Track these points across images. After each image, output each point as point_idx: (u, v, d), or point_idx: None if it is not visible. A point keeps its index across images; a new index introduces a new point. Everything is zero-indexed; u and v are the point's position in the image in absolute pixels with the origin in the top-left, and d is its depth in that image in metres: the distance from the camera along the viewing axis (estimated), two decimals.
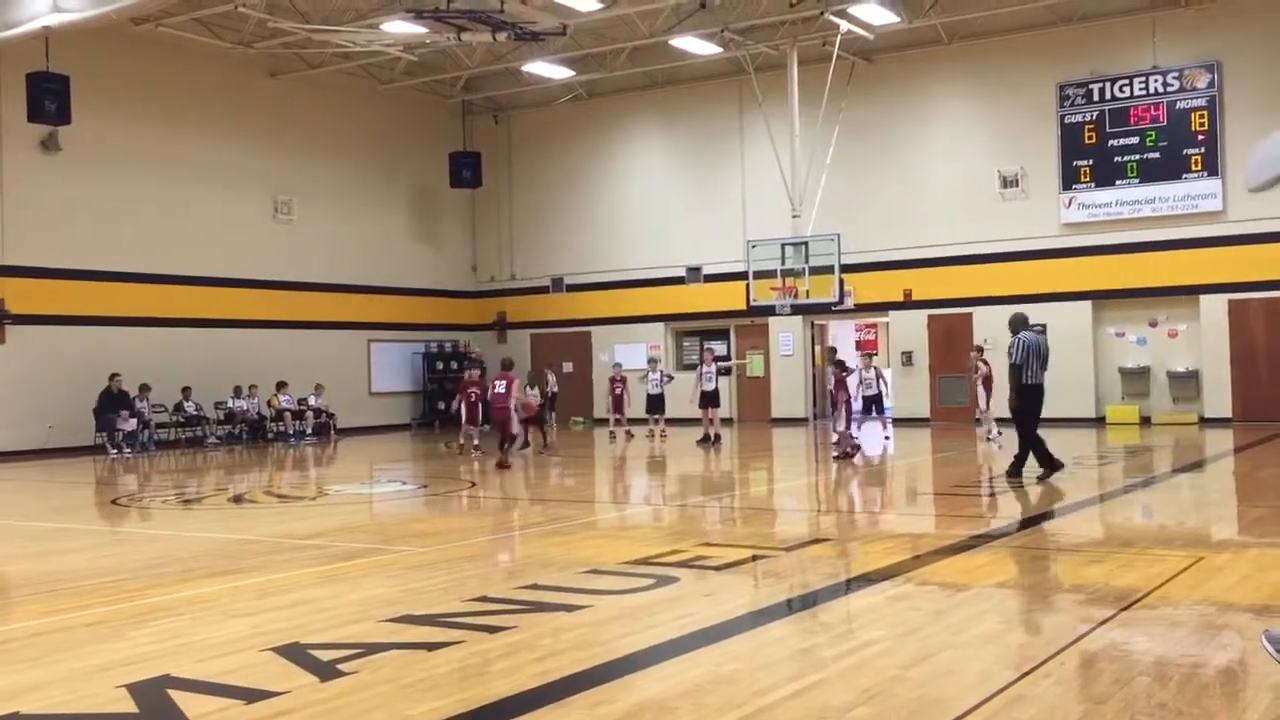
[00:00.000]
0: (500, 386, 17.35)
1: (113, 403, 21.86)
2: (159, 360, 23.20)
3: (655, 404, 22.07)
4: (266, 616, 6.66)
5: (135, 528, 12.07)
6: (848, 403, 17.11)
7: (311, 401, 25.41)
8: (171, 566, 8.66)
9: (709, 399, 20.85)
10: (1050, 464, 13.14)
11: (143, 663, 5.61)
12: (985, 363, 19.77)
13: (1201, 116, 22.80)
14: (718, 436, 20.79)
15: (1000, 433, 19.32)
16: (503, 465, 16.69)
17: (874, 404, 20.74)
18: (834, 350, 20.76)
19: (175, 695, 5.04)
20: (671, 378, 23.35)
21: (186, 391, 23.62)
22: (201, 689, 5.12)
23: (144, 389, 22.46)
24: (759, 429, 25.64)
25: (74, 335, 22.25)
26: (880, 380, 20.77)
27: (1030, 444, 13.22)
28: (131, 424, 21.89)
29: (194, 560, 8.93)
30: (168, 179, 23.90)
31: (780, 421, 26.80)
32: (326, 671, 5.35)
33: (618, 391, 22.51)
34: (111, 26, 20.41)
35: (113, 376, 21.91)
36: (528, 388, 20.53)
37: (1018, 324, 13.74)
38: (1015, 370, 13.26)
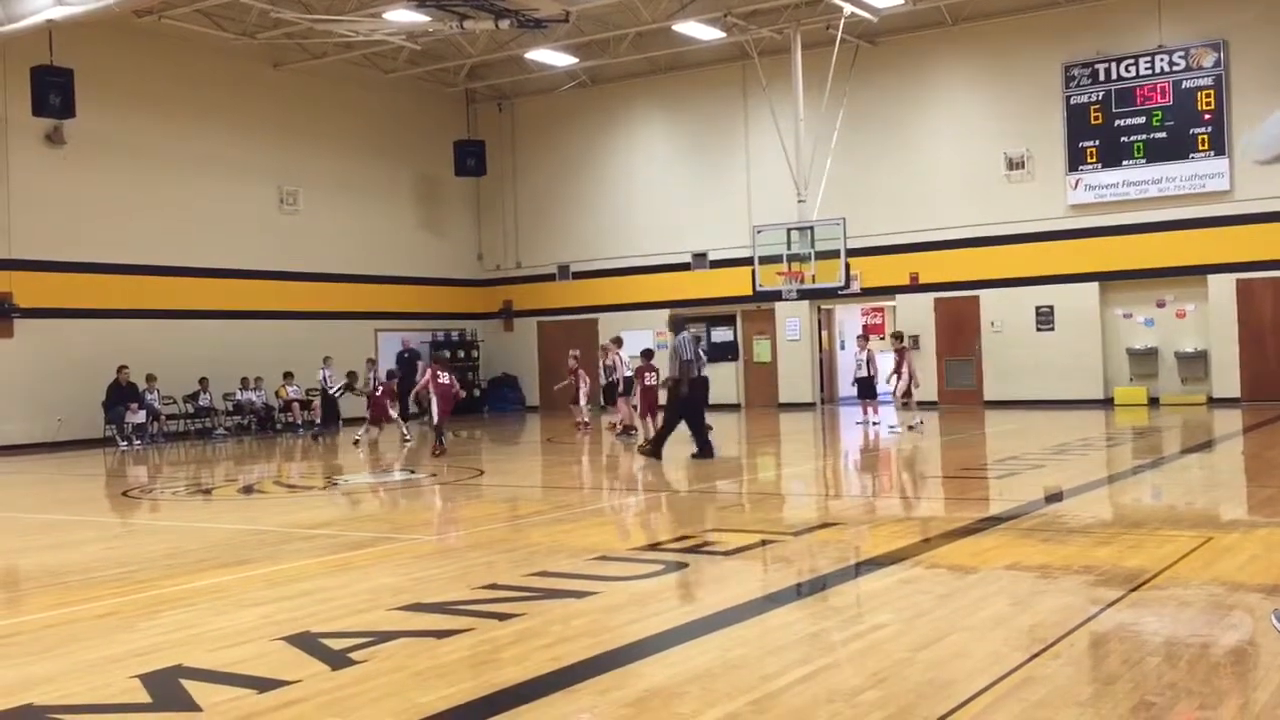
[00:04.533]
0: (445, 377, 17.67)
1: (121, 395, 21.91)
2: (166, 352, 23.24)
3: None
4: (277, 606, 6.69)
5: (145, 519, 12.11)
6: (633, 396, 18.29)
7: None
8: (182, 557, 8.69)
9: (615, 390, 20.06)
10: (657, 450, 14.89)
11: (155, 653, 5.64)
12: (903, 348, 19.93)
13: (1208, 96, 22.69)
14: (625, 429, 19.68)
15: (922, 421, 19.36)
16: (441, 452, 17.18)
17: (864, 386, 20.68)
18: (618, 340, 20.96)
19: (188, 685, 5.06)
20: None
21: (204, 382, 23.69)
22: (213, 678, 5.14)
23: (151, 380, 22.50)
24: (766, 414, 25.64)
25: (82, 328, 22.30)
26: (871, 364, 20.75)
27: (690, 427, 14.99)
28: (140, 416, 21.95)
29: (204, 551, 8.96)
30: (172, 171, 23.92)
31: (787, 407, 26.79)
32: (337, 660, 5.37)
33: (576, 383, 21.20)
34: (114, 19, 20.39)
35: (120, 369, 21.95)
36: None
37: (680, 324, 15.44)
38: (687, 365, 14.80)
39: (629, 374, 19.88)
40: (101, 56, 22.38)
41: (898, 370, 19.36)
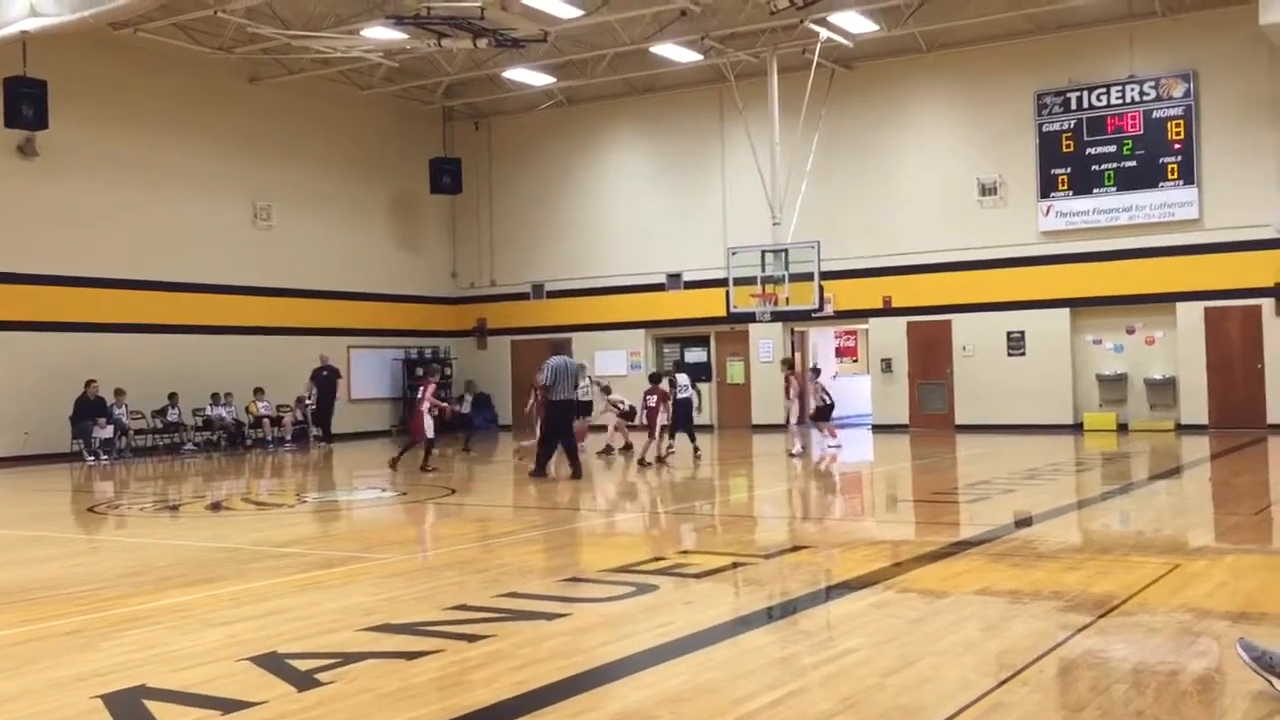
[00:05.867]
0: (417, 391, 17.71)
1: (89, 409, 21.67)
2: (136, 366, 23.02)
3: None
4: (243, 625, 6.62)
5: (111, 536, 11.98)
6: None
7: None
8: (148, 575, 8.59)
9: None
10: (542, 470, 15.67)
11: (118, 673, 5.57)
12: (797, 377, 20.25)
13: (1178, 125, 22.96)
14: (608, 448, 19.86)
15: (803, 448, 19.52)
16: (393, 466, 17.40)
17: (819, 411, 20.93)
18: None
19: (151, 706, 5.00)
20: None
21: (174, 398, 23.46)
22: (177, 699, 5.08)
23: (119, 394, 22.27)
24: (739, 435, 25.66)
25: (50, 341, 22.07)
26: (824, 391, 21.05)
27: (547, 450, 15.85)
28: (108, 431, 21.71)
29: (170, 569, 8.86)
30: (146, 184, 23.76)
31: (761, 428, 26.82)
32: (304, 681, 5.32)
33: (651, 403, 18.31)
34: (90, 31, 20.23)
35: (88, 383, 21.70)
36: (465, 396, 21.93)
37: (557, 348, 16.78)
38: (546, 389, 15.71)
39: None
40: (76, 68, 22.24)
41: (787, 395, 19.87)
